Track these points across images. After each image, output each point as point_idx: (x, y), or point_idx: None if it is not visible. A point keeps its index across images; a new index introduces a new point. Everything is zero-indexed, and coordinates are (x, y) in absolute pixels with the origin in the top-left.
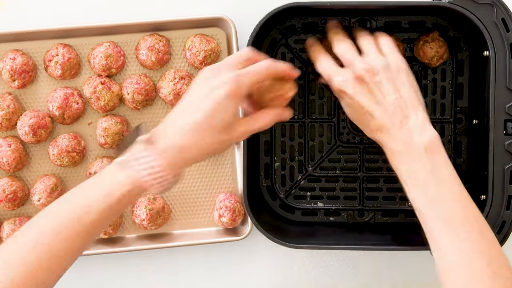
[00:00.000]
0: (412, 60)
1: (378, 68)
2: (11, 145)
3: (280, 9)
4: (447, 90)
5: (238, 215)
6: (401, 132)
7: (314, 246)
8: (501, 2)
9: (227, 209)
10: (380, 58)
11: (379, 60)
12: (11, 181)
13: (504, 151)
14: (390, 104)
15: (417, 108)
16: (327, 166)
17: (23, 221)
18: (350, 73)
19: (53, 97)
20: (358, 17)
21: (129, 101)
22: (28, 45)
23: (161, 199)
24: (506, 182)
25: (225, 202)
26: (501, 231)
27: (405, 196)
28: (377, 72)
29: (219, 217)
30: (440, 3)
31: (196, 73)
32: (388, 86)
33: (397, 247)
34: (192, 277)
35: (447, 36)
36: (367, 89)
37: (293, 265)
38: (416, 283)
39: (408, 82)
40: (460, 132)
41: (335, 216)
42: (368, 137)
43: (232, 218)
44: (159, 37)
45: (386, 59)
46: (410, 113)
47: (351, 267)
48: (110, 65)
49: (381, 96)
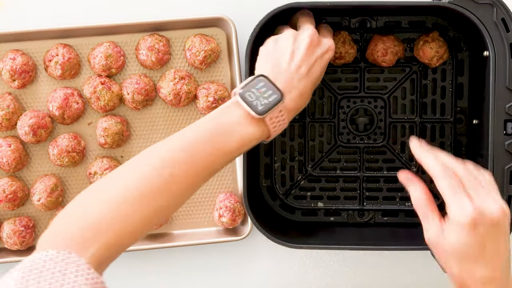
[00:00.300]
0: (412, 60)
1: (495, 216)
2: (11, 145)
3: (280, 9)
4: (447, 90)
5: (238, 215)
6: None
7: (314, 246)
8: (501, 2)
9: (227, 209)
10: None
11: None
12: (11, 181)
13: (504, 151)
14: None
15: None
16: (327, 166)
17: (23, 221)
18: (470, 207)
19: (53, 97)
20: (358, 17)
21: (129, 101)
22: (28, 45)
23: None
24: (506, 182)
25: (225, 202)
26: None
27: (405, 196)
28: (494, 222)
29: (219, 217)
30: (440, 3)
31: (196, 73)
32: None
33: (397, 247)
34: (192, 277)
35: (447, 36)
36: (479, 239)
37: (293, 265)
38: (416, 283)
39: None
40: (460, 132)
41: (335, 216)
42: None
43: (232, 218)
44: (159, 37)
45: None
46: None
47: (351, 267)
48: (110, 65)
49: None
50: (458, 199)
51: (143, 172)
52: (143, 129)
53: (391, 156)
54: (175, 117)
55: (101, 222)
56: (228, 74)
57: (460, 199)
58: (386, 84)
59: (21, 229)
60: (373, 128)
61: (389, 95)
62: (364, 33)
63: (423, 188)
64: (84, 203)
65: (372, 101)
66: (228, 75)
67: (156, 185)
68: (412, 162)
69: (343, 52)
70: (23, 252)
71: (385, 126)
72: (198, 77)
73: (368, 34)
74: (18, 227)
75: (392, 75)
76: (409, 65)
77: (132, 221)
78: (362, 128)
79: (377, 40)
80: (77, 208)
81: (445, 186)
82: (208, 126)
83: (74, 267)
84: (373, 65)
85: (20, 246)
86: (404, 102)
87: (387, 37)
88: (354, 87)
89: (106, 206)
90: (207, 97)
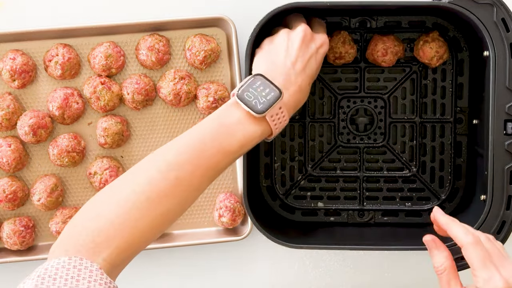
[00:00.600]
0: (412, 60)
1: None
2: (11, 145)
3: (280, 9)
4: (447, 90)
5: (238, 215)
6: None
7: (314, 246)
8: (501, 2)
9: (227, 209)
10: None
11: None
12: (11, 181)
13: (504, 151)
14: None
15: None
16: (327, 166)
17: (23, 221)
18: (499, 281)
19: (53, 97)
20: (358, 17)
21: (129, 101)
22: (28, 45)
23: None
24: (506, 182)
25: (225, 202)
26: (501, 231)
27: (405, 196)
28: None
29: (219, 217)
30: (440, 3)
31: (196, 73)
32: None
33: (397, 247)
34: (192, 277)
35: (447, 36)
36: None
37: (293, 265)
38: (416, 283)
39: None
40: (460, 132)
41: (335, 216)
42: None
43: (232, 218)
44: (159, 37)
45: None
46: None
47: (351, 267)
48: (110, 65)
49: None
50: (488, 271)
51: (149, 176)
52: (143, 129)
53: (391, 156)
54: (175, 117)
55: (111, 228)
56: (228, 74)
57: (490, 272)
58: (386, 84)
59: (21, 229)
60: (373, 128)
61: (389, 95)
62: (364, 33)
63: (448, 256)
64: (93, 209)
65: (372, 101)
66: (228, 75)
67: (162, 188)
68: (412, 162)
69: (343, 52)
70: (23, 252)
71: (385, 126)
72: (198, 77)
73: (368, 34)
74: (18, 227)
75: (392, 75)
76: (409, 65)
77: (141, 225)
78: (362, 128)
79: (377, 40)
80: (87, 214)
81: (475, 257)
82: (211, 127)
83: (87, 273)
84: (373, 65)
85: (20, 246)
86: (404, 102)
87: (387, 37)
88: (354, 87)
89: (115, 211)
90: (207, 97)
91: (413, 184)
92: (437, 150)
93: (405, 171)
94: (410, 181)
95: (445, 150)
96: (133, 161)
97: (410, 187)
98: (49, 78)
